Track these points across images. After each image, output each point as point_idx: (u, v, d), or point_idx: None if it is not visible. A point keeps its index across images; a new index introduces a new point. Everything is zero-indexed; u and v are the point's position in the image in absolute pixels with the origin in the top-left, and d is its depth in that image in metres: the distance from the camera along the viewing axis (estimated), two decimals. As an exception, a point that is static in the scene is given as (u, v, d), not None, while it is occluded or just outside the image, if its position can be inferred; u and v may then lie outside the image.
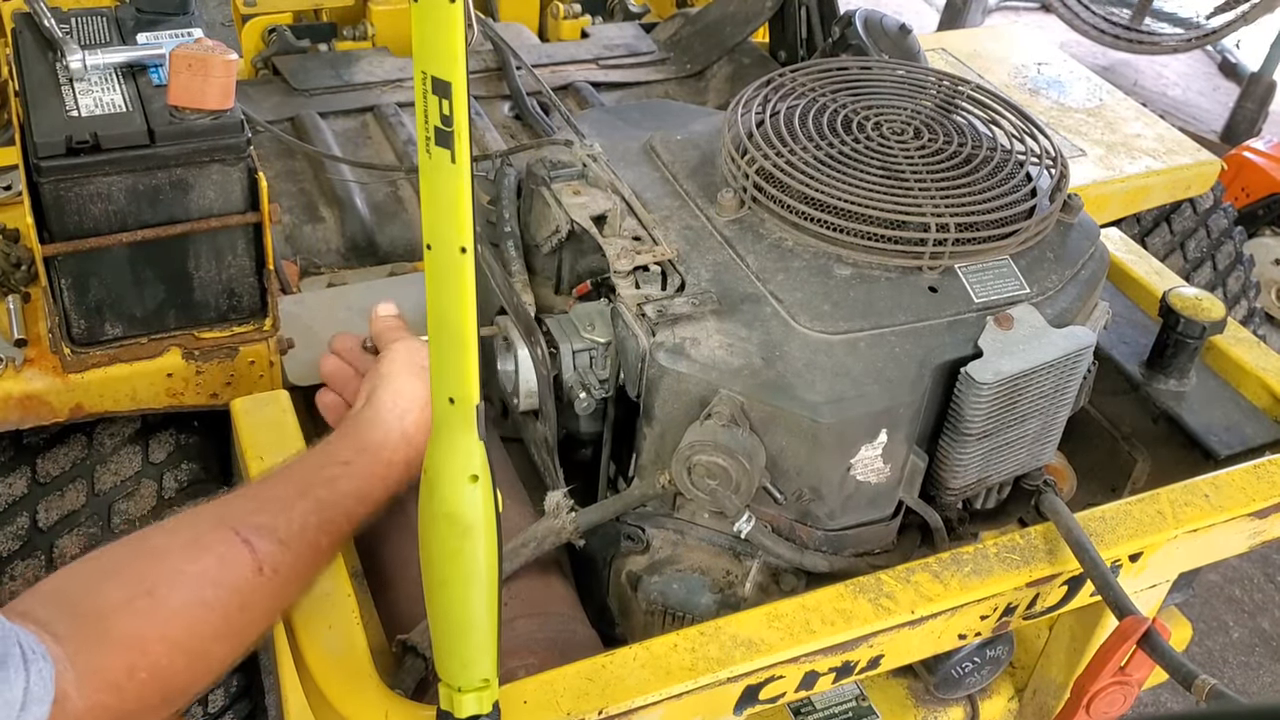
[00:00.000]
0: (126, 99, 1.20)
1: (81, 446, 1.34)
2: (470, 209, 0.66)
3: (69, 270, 1.19)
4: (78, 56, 1.21)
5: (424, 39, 0.62)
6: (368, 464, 1.01)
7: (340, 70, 1.79)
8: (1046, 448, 1.16)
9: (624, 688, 0.94)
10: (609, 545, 1.16)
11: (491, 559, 0.77)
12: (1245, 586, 2.65)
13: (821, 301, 1.07)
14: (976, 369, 1.03)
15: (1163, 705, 2.22)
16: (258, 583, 0.90)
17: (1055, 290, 1.13)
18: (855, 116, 1.23)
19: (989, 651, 1.27)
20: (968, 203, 1.12)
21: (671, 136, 1.28)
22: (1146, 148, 1.94)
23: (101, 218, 1.17)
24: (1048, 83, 2.10)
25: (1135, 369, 1.37)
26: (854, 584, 1.05)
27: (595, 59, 1.92)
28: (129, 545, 0.89)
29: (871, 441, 1.04)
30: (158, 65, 1.25)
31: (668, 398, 1.05)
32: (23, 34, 1.28)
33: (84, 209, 1.16)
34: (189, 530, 0.91)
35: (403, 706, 0.93)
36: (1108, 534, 1.13)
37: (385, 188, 1.59)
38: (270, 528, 0.92)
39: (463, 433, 0.72)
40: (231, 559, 0.89)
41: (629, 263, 1.10)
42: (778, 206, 1.13)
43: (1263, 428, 1.33)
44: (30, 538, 1.30)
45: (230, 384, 1.31)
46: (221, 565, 0.88)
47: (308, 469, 1.00)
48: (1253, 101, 4.33)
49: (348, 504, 0.99)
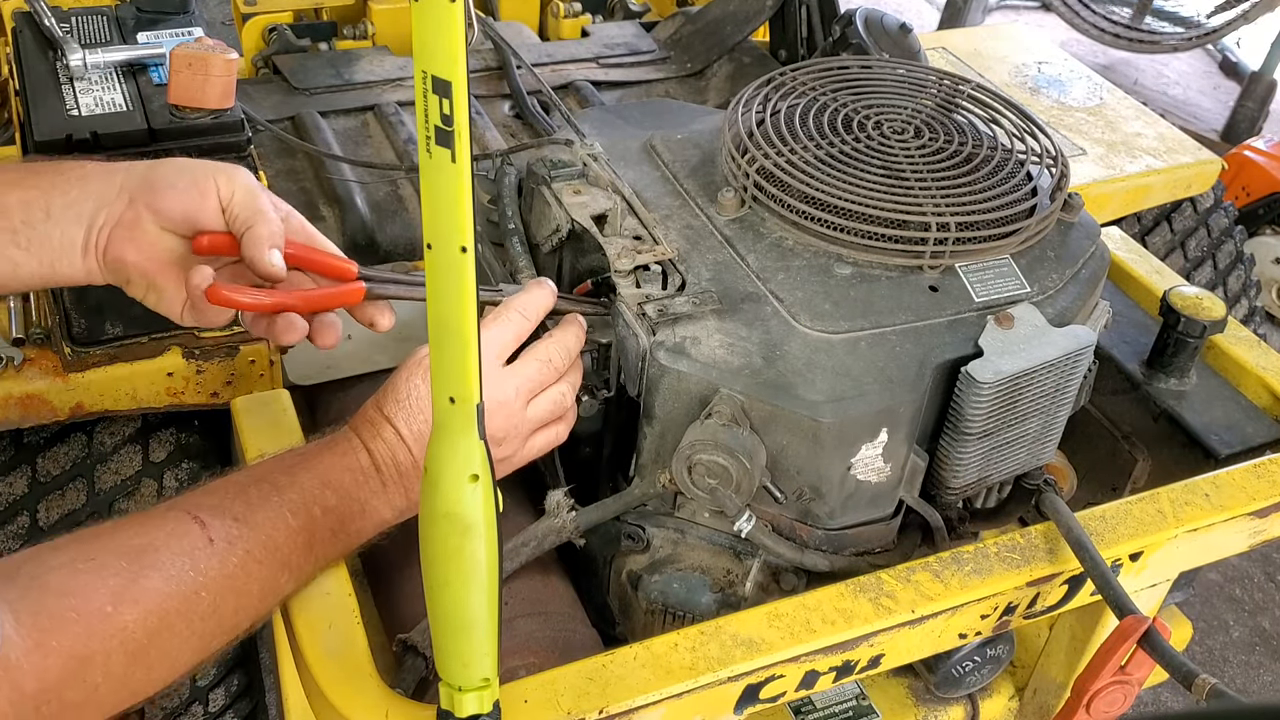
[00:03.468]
0: (127, 98, 1.20)
1: (82, 446, 1.34)
2: (471, 208, 0.66)
3: (69, 269, 1.19)
4: (78, 55, 1.21)
5: (424, 38, 0.62)
6: (328, 451, 0.99)
7: (340, 69, 1.79)
8: (1047, 447, 1.16)
9: (624, 687, 0.94)
10: (609, 544, 1.16)
11: (492, 559, 0.77)
12: (1245, 586, 2.65)
13: (822, 301, 1.07)
14: (977, 368, 1.03)
15: (1163, 704, 2.22)
16: (210, 552, 0.87)
17: (1056, 289, 1.13)
18: (856, 115, 1.23)
19: (989, 650, 1.27)
20: (968, 202, 1.12)
21: (672, 136, 1.28)
22: (1147, 147, 1.94)
23: (102, 217, 1.17)
24: (1048, 82, 2.10)
25: (1136, 368, 1.37)
26: (854, 583, 1.05)
27: (595, 58, 1.92)
28: (80, 531, 0.87)
29: (872, 441, 1.04)
30: (158, 64, 1.25)
31: (668, 397, 1.05)
32: (23, 33, 1.28)
33: (84, 208, 1.16)
34: (138, 516, 0.90)
35: (403, 706, 0.93)
36: (1108, 533, 1.13)
37: (385, 187, 1.59)
38: (221, 507, 0.90)
39: (463, 432, 0.72)
40: (180, 532, 0.87)
41: (630, 262, 1.10)
42: (778, 206, 1.13)
43: (1263, 427, 1.33)
44: (31, 537, 1.30)
45: (230, 383, 1.31)
46: (170, 537, 0.87)
47: (266, 463, 0.98)
48: (1253, 100, 4.33)
49: (312, 488, 0.96)
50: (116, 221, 0.98)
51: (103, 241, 0.99)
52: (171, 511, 0.89)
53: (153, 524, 0.88)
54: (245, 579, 0.91)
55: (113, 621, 0.81)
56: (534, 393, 1.05)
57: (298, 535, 0.94)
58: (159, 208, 0.98)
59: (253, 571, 0.91)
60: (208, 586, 0.87)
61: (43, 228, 0.97)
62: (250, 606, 0.92)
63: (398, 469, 1.00)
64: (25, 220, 0.97)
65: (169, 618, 0.85)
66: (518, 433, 1.05)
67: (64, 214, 0.98)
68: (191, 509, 0.90)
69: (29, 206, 0.97)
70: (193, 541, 0.87)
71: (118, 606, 0.82)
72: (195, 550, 0.87)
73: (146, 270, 1.00)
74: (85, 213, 0.98)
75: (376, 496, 0.99)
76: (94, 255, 0.99)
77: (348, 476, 0.98)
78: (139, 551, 0.85)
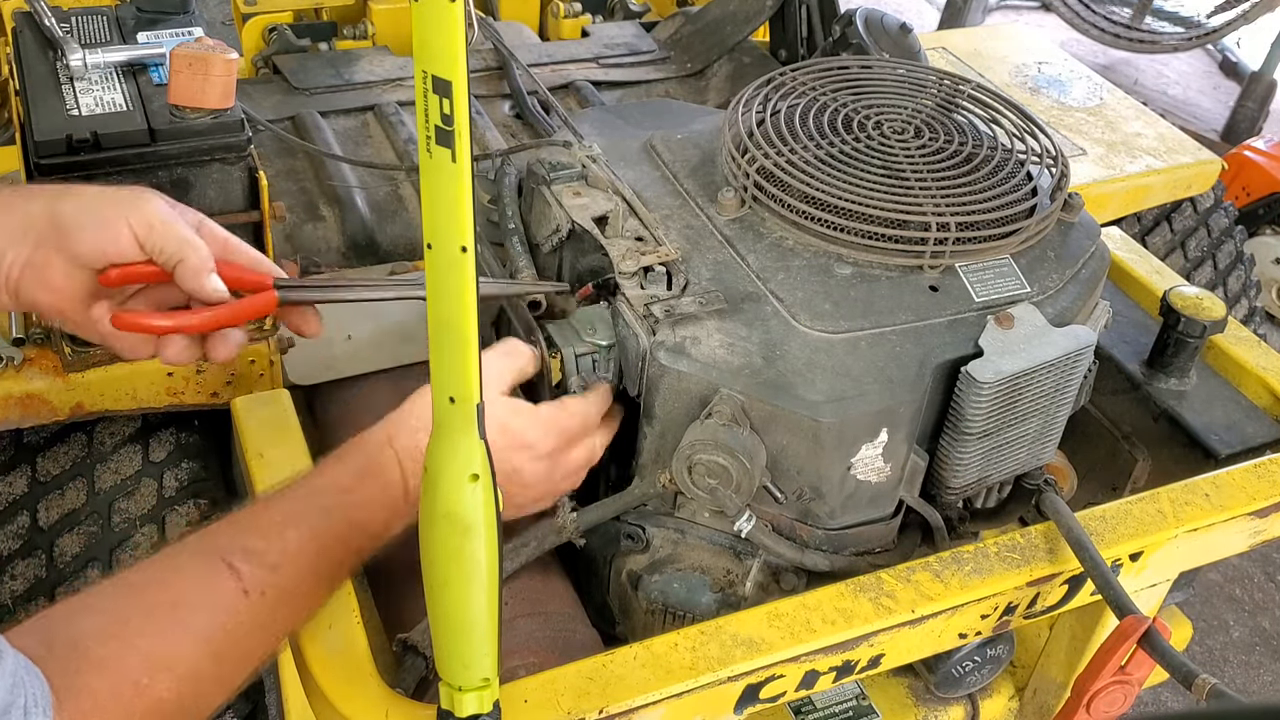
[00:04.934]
0: (127, 98, 1.20)
1: (82, 445, 1.34)
2: (471, 208, 0.66)
3: (69, 269, 1.19)
4: (78, 55, 1.21)
5: (424, 38, 0.62)
6: (370, 491, 0.97)
7: (341, 69, 1.78)
8: (1047, 447, 1.16)
9: (624, 687, 0.94)
10: (609, 544, 1.16)
11: (492, 559, 0.77)
12: (1245, 585, 2.66)
13: (822, 301, 1.07)
14: (977, 368, 1.03)
15: (1163, 704, 2.22)
16: (243, 605, 0.86)
17: (1056, 289, 1.13)
18: (856, 115, 1.23)
19: (989, 650, 1.27)
20: (968, 202, 1.12)
21: (672, 136, 1.28)
22: (1147, 147, 1.94)
23: (102, 217, 1.17)
24: (1048, 82, 2.10)
25: (1136, 368, 1.37)
26: (854, 583, 1.05)
27: (595, 58, 1.92)
28: (107, 583, 0.86)
29: (872, 441, 1.04)
30: (158, 64, 1.25)
31: (668, 397, 1.05)
32: (23, 33, 1.28)
33: (84, 208, 1.16)
34: (168, 561, 0.88)
35: (403, 706, 0.93)
36: (1108, 533, 1.13)
37: (386, 187, 1.59)
38: (258, 552, 0.89)
39: (463, 432, 0.72)
40: (215, 584, 0.86)
41: (634, 264, 1.10)
42: (778, 206, 1.13)
43: (1263, 427, 1.33)
44: (30, 537, 1.30)
45: (231, 383, 1.31)
46: (204, 591, 0.86)
47: (302, 495, 0.95)
48: (1253, 100, 4.33)
49: (345, 533, 0.95)
50: (25, 263, 0.97)
51: (14, 278, 0.97)
52: (206, 557, 0.88)
53: (187, 572, 0.87)
54: (274, 624, 0.91)
55: (149, 694, 0.81)
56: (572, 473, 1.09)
57: (325, 581, 0.95)
58: (69, 250, 0.96)
59: (280, 616, 0.91)
60: (240, 641, 0.87)
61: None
62: (273, 647, 0.93)
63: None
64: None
65: (201, 678, 0.85)
66: (552, 493, 1.09)
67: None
68: (226, 554, 0.88)
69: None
70: (227, 596, 0.86)
71: (153, 678, 0.81)
72: (229, 604, 0.86)
73: (61, 309, 0.99)
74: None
75: (401, 519, 0.99)
76: (5, 292, 0.98)
77: (382, 515, 0.98)
78: (171, 608, 0.84)
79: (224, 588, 0.86)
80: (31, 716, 0.71)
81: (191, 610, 0.85)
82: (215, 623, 0.85)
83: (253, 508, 0.95)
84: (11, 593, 1.28)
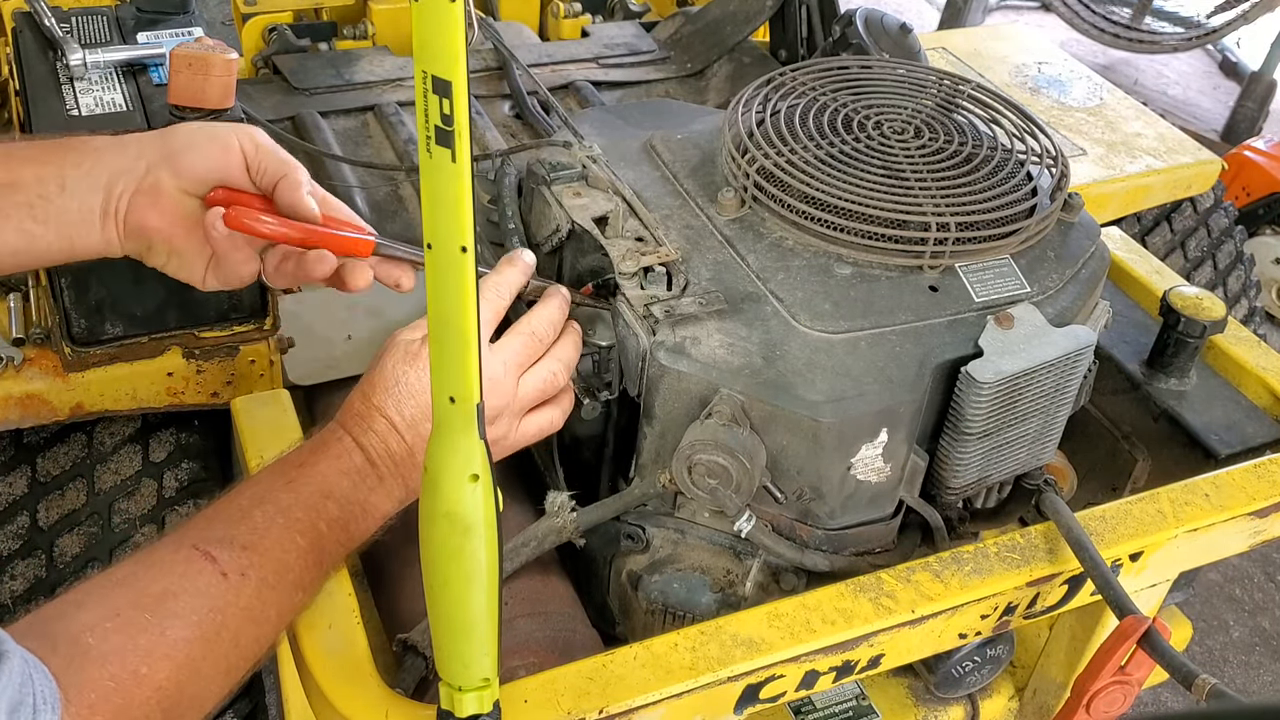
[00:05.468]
0: (127, 98, 1.20)
1: (82, 446, 1.34)
2: (471, 208, 0.66)
3: (69, 269, 1.19)
4: (78, 55, 1.21)
5: (424, 38, 0.62)
6: (326, 459, 0.97)
7: (340, 69, 1.78)
8: (1047, 447, 1.16)
9: (624, 687, 0.94)
10: (609, 544, 1.16)
11: (492, 559, 0.77)
12: (1245, 586, 2.66)
13: (822, 301, 1.07)
14: (977, 368, 1.03)
15: (1163, 704, 2.22)
16: (225, 587, 0.87)
17: (1056, 289, 1.13)
18: (856, 116, 1.23)
19: (989, 650, 1.27)
20: (968, 202, 1.12)
21: (672, 136, 1.28)
22: (1147, 147, 1.94)
23: (102, 217, 1.17)
24: (1048, 82, 2.10)
25: (1136, 368, 1.37)
26: (854, 583, 1.05)
27: (595, 58, 1.92)
28: (91, 581, 0.86)
29: (872, 441, 1.04)
30: (158, 64, 1.25)
31: (668, 397, 1.05)
32: (23, 33, 1.28)
33: (84, 208, 1.16)
34: (146, 557, 0.89)
35: (403, 706, 0.93)
36: (1108, 533, 1.13)
37: (386, 187, 1.59)
38: (228, 537, 0.89)
39: (463, 432, 0.72)
40: (193, 571, 0.87)
41: (635, 264, 1.10)
42: (778, 206, 1.13)
43: (1263, 427, 1.33)
44: (30, 537, 1.30)
45: (231, 383, 1.31)
46: (184, 579, 0.86)
47: (264, 477, 0.97)
48: (1253, 101, 4.34)
49: (315, 502, 0.95)
50: (135, 189, 0.99)
51: (123, 209, 0.99)
52: (181, 549, 0.88)
53: (165, 565, 0.87)
54: (262, 607, 0.90)
55: (148, 683, 0.81)
56: (522, 367, 1.04)
57: (308, 554, 0.94)
58: (181, 170, 0.99)
59: (268, 598, 0.91)
60: (228, 624, 0.87)
61: (59, 200, 0.98)
62: (269, 633, 0.93)
63: (393, 460, 0.99)
64: (41, 194, 0.98)
65: (197, 664, 0.85)
66: (510, 410, 1.04)
67: (80, 185, 0.98)
68: (199, 543, 0.88)
69: (43, 181, 0.98)
70: (207, 580, 0.87)
71: (152, 666, 0.82)
72: (211, 588, 0.87)
73: (169, 235, 1.01)
74: (102, 183, 0.99)
75: (375, 493, 0.99)
76: (113, 224, 0.99)
77: (346, 481, 0.97)
78: (159, 599, 0.85)
79: (203, 574, 0.87)
80: (40, 713, 0.71)
81: (177, 599, 0.85)
82: (202, 608, 0.86)
83: (221, 499, 0.95)
84: (11, 593, 1.28)
